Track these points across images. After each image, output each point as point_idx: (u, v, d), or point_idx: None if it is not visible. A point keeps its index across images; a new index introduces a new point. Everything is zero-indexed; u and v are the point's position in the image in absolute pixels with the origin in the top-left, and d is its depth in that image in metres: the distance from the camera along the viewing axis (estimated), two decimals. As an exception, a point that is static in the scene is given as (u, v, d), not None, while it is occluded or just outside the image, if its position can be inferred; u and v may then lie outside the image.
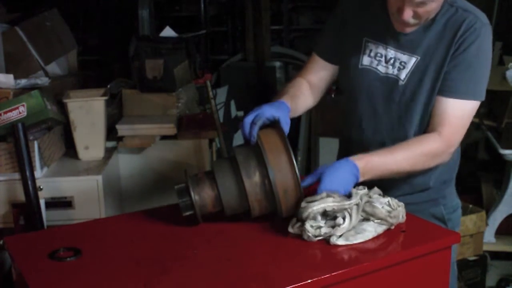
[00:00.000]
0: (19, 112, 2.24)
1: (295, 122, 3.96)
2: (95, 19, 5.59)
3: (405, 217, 1.49)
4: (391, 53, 1.69)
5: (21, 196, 2.25)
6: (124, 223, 1.66)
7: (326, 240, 1.39)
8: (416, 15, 1.57)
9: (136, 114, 2.83)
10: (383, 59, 1.70)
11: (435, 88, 1.64)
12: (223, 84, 4.64)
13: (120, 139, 2.68)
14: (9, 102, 2.28)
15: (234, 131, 4.09)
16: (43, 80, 2.63)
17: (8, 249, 1.49)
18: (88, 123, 2.52)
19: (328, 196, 1.40)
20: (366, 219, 1.44)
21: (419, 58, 1.65)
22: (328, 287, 1.29)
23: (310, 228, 1.37)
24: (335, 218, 1.38)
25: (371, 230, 1.42)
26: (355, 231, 1.40)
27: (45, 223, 2.26)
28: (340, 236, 1.38)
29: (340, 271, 1.30)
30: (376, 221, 1.44)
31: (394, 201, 1.47)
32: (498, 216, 3.21)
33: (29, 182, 2.20)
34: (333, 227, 1.37)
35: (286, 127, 1.54)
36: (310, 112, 4.10)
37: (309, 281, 1.26)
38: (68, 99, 2.51)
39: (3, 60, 2.79)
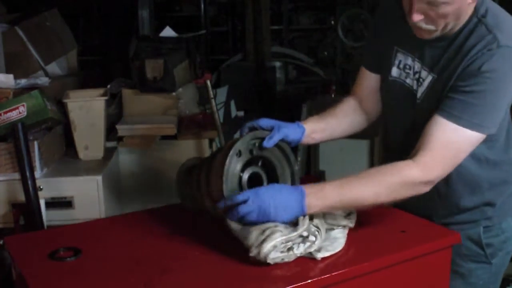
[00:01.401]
0: (19, 112, 2.24)
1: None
2: (95, 19, 5.60)
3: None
4: (417, 66, 1.56)
5: (21, 196, 2.24)
6: (124, 223, 1.66)
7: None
8: (428, 19, 1.43)
9: (136, 114, 2.83)
10: (411, 71, 1.58)
11: None
12: (223, 84, 4.63)
13: (120, 139, 2.68)
14: (9, 102, 2.28)
15: (234, 131, 4.09)
16: (43, 80, 2.63)
17: (8, 249, 1.49)
18: (88, 123, 2.51)
19: (273, 231, 1.31)
20: (330, 229, 1.44)
21: (435, 76, 1.51)
22: (328, 287, 1.29)
23: (282, 256, 1.32)
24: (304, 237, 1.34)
25: (341, 236, 1.43)
26: (330, 241, 1.39)
27: (45, 223, 2.26)
28: (318, 250, 1.36)
29: (340, 271, 1.30)
30: (339, 227, 1.45)
31: None
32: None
33: (29, 182, 2.20)
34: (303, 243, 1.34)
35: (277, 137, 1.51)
36: (310, 112, 4.09)
37: (309, 281, 1.26)
38: (68, 99, 2.50)
39: (3, 60, 2.79)
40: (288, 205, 1.35)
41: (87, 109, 2.50)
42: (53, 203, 2.32)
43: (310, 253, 1.35)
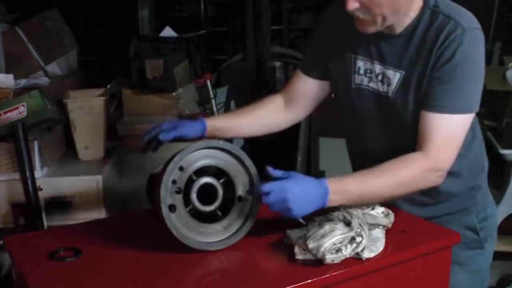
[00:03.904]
0: (19, 112, 2.24)
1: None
2: (95, 19, 5.59)
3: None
4: (378, 68, 1.57)
5: (21, 196, 2.24)
6: (124, 223, 1.66)
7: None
8: (364, 8, 1.43)
9: (136, 114, 2.83)
10: (373, 75, 1.59)
11: (419, 103, 1.51)
12: (223, 84, 4.63)
13: (120, 139, 2.68)
14: (9, 102, 2.28)
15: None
16: (43, 80, 2.63)
17: (8, 249, 1.49)
18: (88, 123, 2.51)
19: (332, 229, 1.34)
20: (371, 229, 1.44)
21: (403, 73, 1.52)
22: (328, 287, 1.29)
23: (332, 257, 1.32)
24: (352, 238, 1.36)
25: (382, 236, 1.43)
26: (372, 241, 1.40)
27: (45, 223, 2.26)
28: (362, 250, 1.36)
29: (340, 271, 1.30)
30: (379, 228, 1.46)
31: (382, 208, 1.49)
32: (498, 216, 3.20)
33: (29, 182, 2.20)
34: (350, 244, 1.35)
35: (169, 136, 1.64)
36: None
37: (309, 281, 1.26)
38: (68, 99, 2.50)
39: (3, 60, 2.79)
40: (312, 200, 1.37)
41: (87, 109, 2.50)
42: (53, 203, 2.32)
43: (357, 253, 1.34)
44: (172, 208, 1.39)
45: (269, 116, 1.78)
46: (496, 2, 3.95)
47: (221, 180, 1.45)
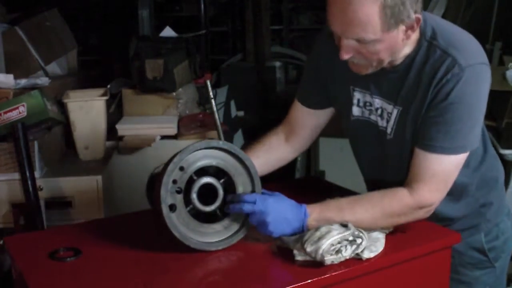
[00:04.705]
0: (19, 112, 2.24)
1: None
2: (95, 19, 5.60)
3: None
4: (377, 102, 1.51)
5: (21, 196, 2.24)
6: (124, 223, 1.65)
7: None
8: (361, 56, 1.37)
9: (136, 114, 2.83)
10: (373, 108, 1.53)
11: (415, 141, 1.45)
12: (223, 84, 4.63)
13: (120, 139, 2.68)
14: (9, 102, 2.28)
15: (234, 131, 4.09)
16: (43, 80, 2.63)
17: (8, 249, 1.49)
18: (88, 123, 2.52)
19: (328, 230, 1.35)
20: (370, 231, 1.44)
21: (401, 108, 1.45)
22: (328, 287, 1.29)
23: (332, 259, 1.32)
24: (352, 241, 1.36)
25: (381, 236, 1.43)
26: (372, 242, 1.40)
27: (45, 223, 2.26)
28: (362, 250, 1.36)
29: (340, 271, 1.30)
30: (378, 230, 1.45)
31: None
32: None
33: (29, 182, 2.20)
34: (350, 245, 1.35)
35: None
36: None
37: (309, 281, 1.26)
38: (68, 99, 2.51)
39: (3, 60, 2.79)
40: (290, 222, 1.39)
41: (87, 109, 2.50)
42: (53, 203, 2.32)
43: (357, 254, 1.34)
44: (172, 207, 1.39)
45: (270, 152, 1.70)
46: (496, 2, 3.95)
47: (222, 180, 1.45)
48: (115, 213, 2.50)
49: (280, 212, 1.38)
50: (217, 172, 1.45)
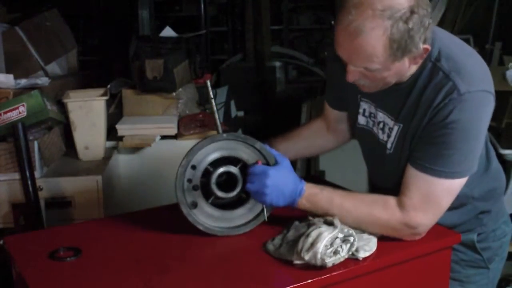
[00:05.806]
0: (19, 112, 2.24)
1: (296, 122, 3.96)
2: (95, 19, 5.59)
3: None
4: (380, 116, 1.53)
5: (21, 196, 2.24)
6: (124, 223, 1.66)
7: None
8: (367, 79, 1.39)
9: (136, 114, 2.83)
10: (376, 120, 1.55)
11: None
12: (223, 84, 4.63)
13: (120, 139, 2.68)
14: (9, 102, 2.28)
15: (234, 131, 4.09)
16: (43, 80, 2.63)
17: (8, 249, 1.49)
18: (88, 123, 2.51)
19: (318, 233, 1.34)
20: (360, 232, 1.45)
21: (401, 125, 1.47)
22: (328, 287, 1.29)
23: (332, 260, 1.32)
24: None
25: (373, 236, 1.43)
26: (364, 242, 1.40)
27: (45, 223, 2.25)
28: (357, 250, 1.36)
29: (340, 271, 1.30)
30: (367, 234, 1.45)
31: None
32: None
33: (29, 182, 2.20)
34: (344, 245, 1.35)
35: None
36: (310, 112, 4.09)
37: (309, 281, 1.26)
38: (68, 99, 2.50)
39: (3, 60, 2.79)
40: (285, 196, 1.44)
41: (87, 109, 2.50)
42: (53, 203, 2.32)
43: (353, 254, 1.35)
44: (194, 204, 1.47)
45: (314, 136, 1.79)
46: (496, 2, 3.95)
47: (238, 166, 1.50)
48: (115, 213, 2.50)
49: (278, 186, 1.43)
50: (230, 161, 1.50)
